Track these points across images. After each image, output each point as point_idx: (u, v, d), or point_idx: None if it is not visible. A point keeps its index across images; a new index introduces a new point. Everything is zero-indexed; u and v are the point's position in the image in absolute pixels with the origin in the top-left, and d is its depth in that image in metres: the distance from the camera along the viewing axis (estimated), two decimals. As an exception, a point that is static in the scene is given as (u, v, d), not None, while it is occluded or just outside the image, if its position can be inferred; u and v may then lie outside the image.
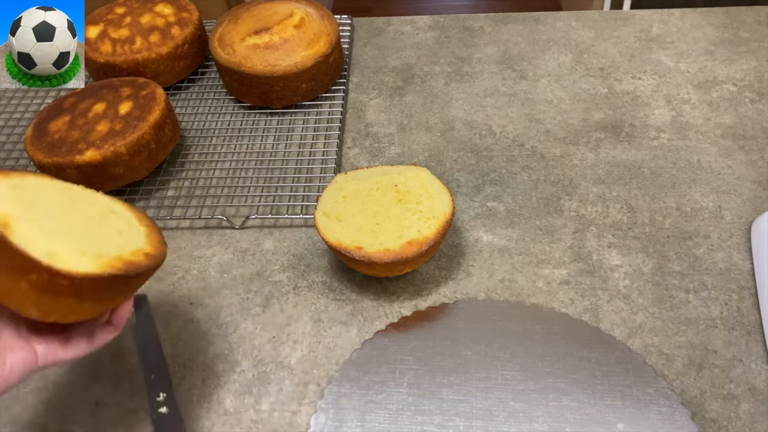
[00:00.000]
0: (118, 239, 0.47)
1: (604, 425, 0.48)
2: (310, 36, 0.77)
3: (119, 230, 0.48)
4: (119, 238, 0.47)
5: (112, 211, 0.50)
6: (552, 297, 0.59)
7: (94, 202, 0.50)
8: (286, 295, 0.60)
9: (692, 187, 0.67)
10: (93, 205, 0.49)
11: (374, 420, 0.49)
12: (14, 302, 0.41)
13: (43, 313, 0.42)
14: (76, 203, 0.48)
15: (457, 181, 0.70)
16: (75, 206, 0.48)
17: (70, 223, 0.46)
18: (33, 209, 0.44)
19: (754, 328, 0.55)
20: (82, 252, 0.43)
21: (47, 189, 0.48)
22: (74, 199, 0.49)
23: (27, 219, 0.42)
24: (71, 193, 0.49)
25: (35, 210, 0.44)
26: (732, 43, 0.85)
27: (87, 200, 0.50)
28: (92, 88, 0.72)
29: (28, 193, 0.46)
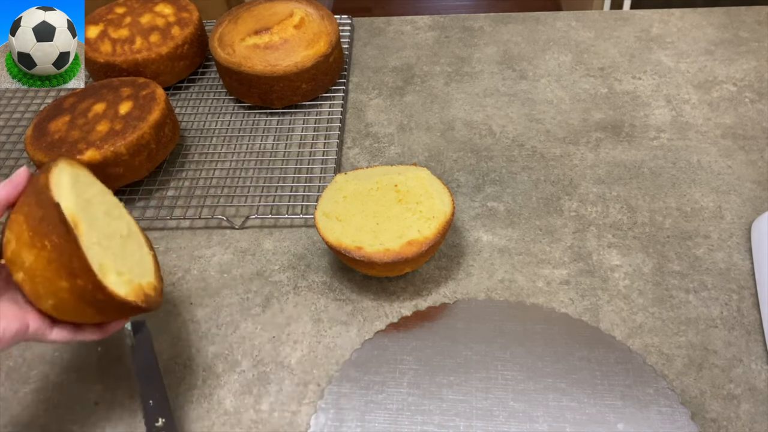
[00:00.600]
0: (138, 266, 0.49)
1: (604, 425, 0.48)
2: (310, 36, 0.77)
3: (138, 257, 0.50)
4: (139, 265, 0.49)
5: (129, 231, 0.51)
6: (552, 297, 0.59)
7: (121, 216, 0.51)
8: (286, 295, 0.60)
9: (692, 187, 0.67)
10: (120, 219, 0.51)
11: (374, 420, 0.49)
12: (40, 290, 0.42)
13: (57, 311, 0.44)
14: (111, 213, 0.50)
15: (457, 181, 0.70)
16: (111, 217, 0.49)
17: (108, 236, 0.47)
18: (86, 212, 0.45)
19: (754, 328, 0.55)
20: (119, 273, 0.45)
21: (92, 188, 0.49)
22: (109, 208, 0.50)
23: (87, 224, 0.44)
24: (107, 198, 0.51)
25: (88, 213, 0.45)
26: (732, 43, 0.85)
27: (116, 212, 0.51)
28: (92, 88, 0.72)
29: (82, 191, 0.47)
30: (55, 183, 0.43)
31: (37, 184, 0.43)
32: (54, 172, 0.44)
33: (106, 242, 0.45)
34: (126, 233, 0.50)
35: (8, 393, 0.54)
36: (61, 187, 0.44)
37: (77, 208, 0.44)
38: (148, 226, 0.67)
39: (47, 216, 0.41)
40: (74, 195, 0.45)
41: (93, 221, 0.45)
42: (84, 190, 0.47)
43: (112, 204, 0.51)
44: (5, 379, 0.55)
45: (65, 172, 0.46)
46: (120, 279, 0.45)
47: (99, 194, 0.50)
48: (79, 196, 0.45)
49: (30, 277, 0.42)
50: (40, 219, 0.41)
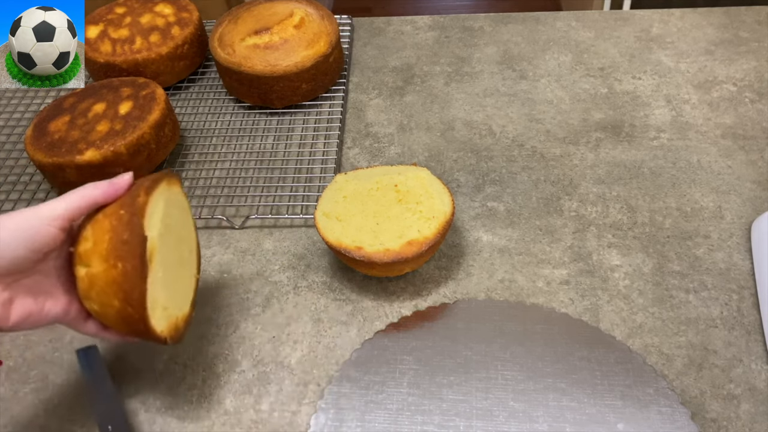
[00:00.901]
0: (182, 296, 0.50)
1: (604, 425, 0.48)
2: (310, 36, 0.77)
3: (185, 285, 0.51)
4: (182, 294, 0.50)
5: (189, 253, 0.52)
6: (552, 297, 0.59)
7: (189, 237, 0.52)
8: (286, 295, 0.60)
9: (692, 187, 0.67)
10: (187, 241, 0.52)
11: (374, 420, 0.49)
12: (92, 294, 0.44)
13: (96, 315, 0.46)
14: (181, 237, 0.51)
15: (457, 181, 0.70)
16: (180, 241, 0.50)
17: (171, 266, 0.48)
18: (164, 242, 0.46)
19: (754, 328, 0.55)
20: (164, 307, 0.46)
21: (176, 209, 0.50)
22: (182, 230, 0.51)
23: (160, 255, 0.45)
24: (184, 219, 0.52)
25: (164, 243, 0.46)
26: (732, 43, 0.85)
27: (185, 233, 0.52)
28: (92, 88, 0.72)
29: (169, 215, 0.48)
30: (150, 210, 0.45)
31: (136, 200, 0.45)
32: (154, 196, 0.46)
33: (167, 274, 0.47)
34: (186, 256, 0.51)
35: (8, 393, 0.54)
36: (155, 214, 0.45)
37: (158, 238, 0.45)
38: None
39: (131, 242, 0.43)
40: (161, 223, 0.46)
41: (165, 252, 0.46)
42: (170, 213, 0.48)
43: (186, 224, 0.52)
44: (5, 379, 0.55)
45: (163, 195, 0.47)
46: (163, 313, 0.46)
47: (180, 215, 0.51)
48: (164, 222, 0.46)
49: (90, 280, 0.44)
50: (123, 241, 0.43)
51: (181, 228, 0.51)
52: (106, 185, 0.45)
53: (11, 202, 0.70)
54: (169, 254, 0.47)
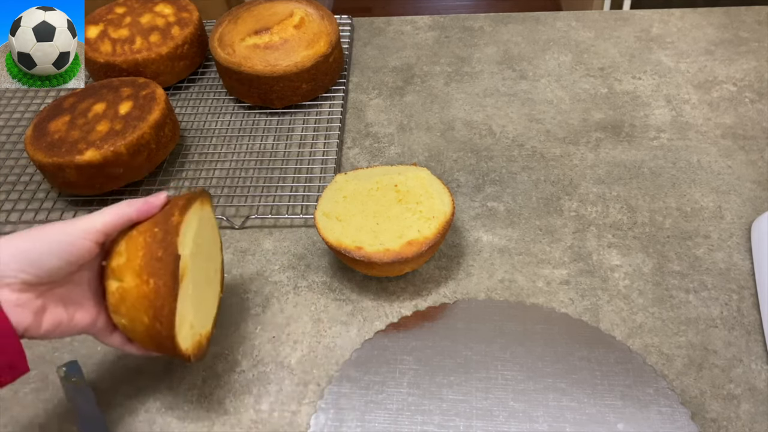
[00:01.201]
0: (206, 314, 0.50)
1: (604, 425, 0.48)
2: (310, 36, 0.77)
3: (210, 303, 0.51)
4: (207, 312, 0.51)
5: (215, 271, 0.53)
6: (552, 297, 0.59)
7: (216, 256, 0.53)
8: (286, 295, 0.60)
9: (692, 187, 0.67)
10: (215, 260, 0.53)
11: (374, 420, 0.49)
12: (122, 309, 0.45)
13: (124, 329, 0.47)
14: (210, 255, 0.51)
15: (457, 181, 0.70)
16: (208, 260, 0.51)
17: (199, 284, 0.48)
18: (195, 260, 0.47)
19: (754, 328, 0.55)
20: (191, 326, 0.47)
21: (207, 228, 0.51)
22: (211, 248, 0.52)
23: (191, 273, 0.46)
24: (213, 236, 0.52)
25: (195, 261, 0.47)
26: (732, 43, 0.85)
27: (214, 252, 0.53)
28: (92, 88, 0.72)
29: (200, 233, 0.49)
30: (183, 229, 0.46)
31: (170, 219, 0.46)
32: (188, 216, 0.46)
33: (196, 292, 0.47)
34: (213, 275, 0.52)
35: (8, 393, 0.54)
36: (188, 233, 0.46)
37: (190, 257, 0.46)
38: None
39: (164, 260, 0.44)
40: (193, 242, 0.47)
41: (195, 270, 0.47)
42: (201, 233, 0.49)
43: (214, 243, 0.53)
44: (5, 379, 0.55)
45: (196, 215, 0.48)
46: (189, 332, 0.47)
47: (209, 234, 0.51)
48: (195, 242, 0.47)
49: (121, 294, 0.45)
50: (157, 258, 0.44)
51: (210, 247, 0.51)
52: (141, 203, 0.47)
53: (11, 202, 0.70)
54: (198, 273, 0.48)
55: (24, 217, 0.68)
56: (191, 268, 0.46)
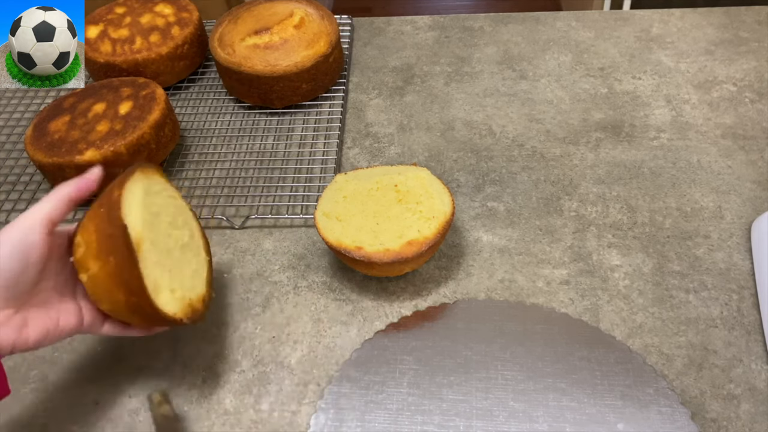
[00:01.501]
0: (191, 278, 0.50)
1: (604, 425, 0.48)
2: (310, 36, 0.77)
3: (194, 267, 0.51)
4: (192, 276, 0.51)
5: (191, 237, 0.53)
6: (552, 297, 0.59)
7: (185, 223, 0.53)
8: (286, 295, 0.60)
9: (692, 187, 0.67)
10: (184, 227, 0.52)
11: (374, 420, 0.49)
12: (99, 295, 0.46)
13: (112, 313, 0.47)
14: (175, 222, 0.51)
15: (457, 181, 0.70)
16: (174, 227, 0.51)
17: (169, 251, 0.49)
18: (152, 228, 0.47)
19: (754, 328, 0.55)
20: (172, 290, 0.47)
21: (162, 196, 0.50)
22: (175, 216, 0.51)
23: (149, 241, 0.46)
24: (174, 204, 0.52)
25: (153, 229, 0.47)
26: (732, 43, 0.85)
27: (180, 219, 0.52)
28: (92, 88, 0.72)
29: (152, 203, 0.48)
30: (127, 200, 0.45)
31: (111, 195, 0.45)
32: (127, 187, 0.46)
33: (165, 258, 0.48)
34: (187, 240, 0.52)
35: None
36: (133, 203, 0.46)
37: (144, 225, 0.46)
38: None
39: (114, 234, 0.44)
40: (143, 210, 0.46)
41: (157, 237, 0.47)
42: (154, 202, 0.48)
43: (179, 210, 0.52)
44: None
45: (139, 184, 0.47)
46: (172, 296, 0.47)
47: (167, 202, 0.51)
48: (147, 209, 0.47)
49: (93, 282, 0.45)
50: (108, 235, 0.44)
51: (173, 214, 0.51)
52: (77, 179, 0.46)
53: (11, 202, 0.70)
54: (162, 239, 0.48)
55: (24, 217, 0.68)
56: (149, 235, 0.46)
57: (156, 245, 0.47)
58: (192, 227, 0.54)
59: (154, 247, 0.46)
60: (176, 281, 0.48)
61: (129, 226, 0.44)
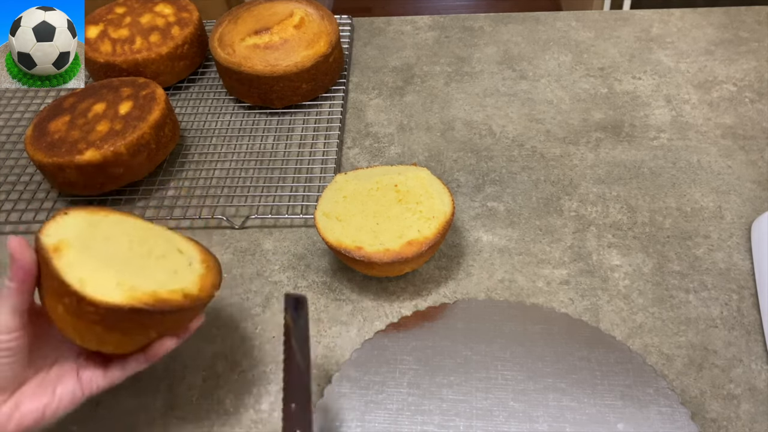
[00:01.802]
0: (167, 277, 0.47)
1: (604, 425, 0.48)
2: (310, 36, 0.77)
3: (175, 269, 0.48)
4: (170, 276, 0.48)
5: (179, 251, 0.50)
6: (552, 297, 0.59)
7: (166, 240, 0.51)
8: (286, 295, 0.60)
9: (692, 187, 0.67)
10: (162, 243, 0.50)
11: (374, 420, 0.49)
12: (58, 324, 0.44)
13: (80, 339, 0.44)
14: (145, 240, 0.49)
15: (457, 181, 0.70)
16: (142, 242, 0.49)
17: (124, 257, 0.47)
18: (95, 241, 0.46)
19: (754, 328, 0.55)
20: (118, 284, 0.44)
21: (124, 225, 0.49)
22: (146, 236, 0.50)
23: (81, 248, 0.44)
24: (147, 232, 0.50)
25: (96, 242, 0.46)
26: (732, 43, 0.85)
27: (159, 238, 0.50)
28: (92, 88, 0.72)
29: (100, 229, 0.47)
30: (48, 226, 0.45)
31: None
32: (55, 220, 0.46)
33: (112, 261, 0.45)
34: (161, 253, 0.49)
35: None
36: (52, 226, 0.45)
37: (74, 239, 0.44)
38: (148, 226, 0.67)
39: (42, 262, 0.43)
40: (77, 231, 0.45)
41: (97, 248, 0.46)
42: (99, 228, 0.47)
43: (155, 234, 0.50)
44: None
45: (71, 222, 0.46)
46: (115, 289, 0.44)
47: (132, 229, 0.49)
48: (86, 231, 0.46)
49: (61, 326, 0.44)
50: (44, 272, 0.43)
51: (145, 234, 0.50)
52: (12, 270, 0.42)
53: (11, 202, 0.70)
54: (109, 247, 0.46)
55: (24, 217, 0.68)
56: (81, 246, 0.44)
57: (90, 251, 0.45)
58: (179, 246, 0.51)
59: (85, 252, 0.44)
60: (128, 278, 0.45)
61: (42, 236, 0.43)
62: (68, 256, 0.43)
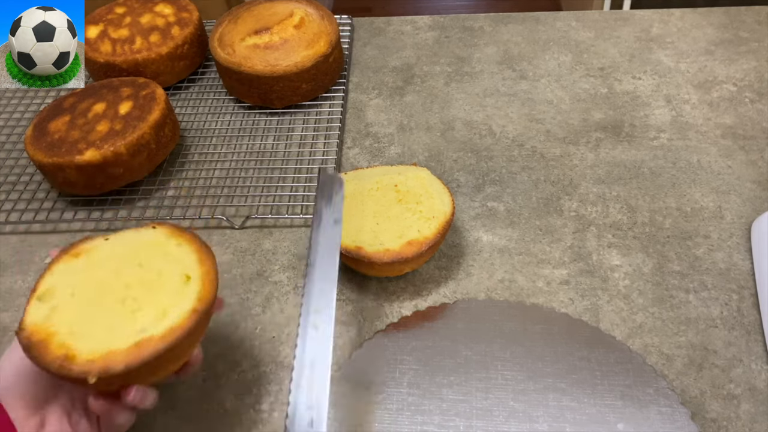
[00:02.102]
0: (170, 299, 0.44)
1: (604, 425, 0.48)
2: (310, 36, 0.77)
3: (175, 289, 0.44)
4: (172, 297, 0.44)
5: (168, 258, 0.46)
6: (552, 297, 0.59)
7: (157, 247, 0.47)
8: (286, 295, 0.60)
9: (692, 187, 0.67)
10: (155, 256, 0.46)
11: (374, 420, 0.49)
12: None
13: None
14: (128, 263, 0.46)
15: (457, 181, 0.70)
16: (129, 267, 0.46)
17: (106, 302, 0.43)
18: (76, 299, 0.43)
19: (754, 328, 0.55)
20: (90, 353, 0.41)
21: (103, 267, 0.46)
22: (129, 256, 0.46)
23: (67, 333, 0.41)
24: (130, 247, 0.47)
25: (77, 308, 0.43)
26: (732, 43, 0.85)
27: (148, 250, 0.47)
28: (92, 88, 0.72)
29: (78, 285, 0.45)
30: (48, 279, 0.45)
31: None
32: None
33: (95, 320, 0.43)
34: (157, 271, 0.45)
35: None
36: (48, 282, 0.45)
37: (58, 324, 0.42)
38: (148, 226, 0.67)
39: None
40: (58, 305, 0.43)
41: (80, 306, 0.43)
42: (78, 275, 0.45)
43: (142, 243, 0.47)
44: (5, 379, 0.55)
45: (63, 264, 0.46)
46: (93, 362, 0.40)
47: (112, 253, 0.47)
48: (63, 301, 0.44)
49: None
50: None
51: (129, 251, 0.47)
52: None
53: (11, 202, 0.70)
54: (90, 299, 0.44)
55: (24, 217, 0.68)
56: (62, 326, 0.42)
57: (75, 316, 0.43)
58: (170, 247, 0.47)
59: (70, 337, 0.42)
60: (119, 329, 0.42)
61: (25, 334, 0.41)
62: (56, 341, 0.41)
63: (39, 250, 0.66)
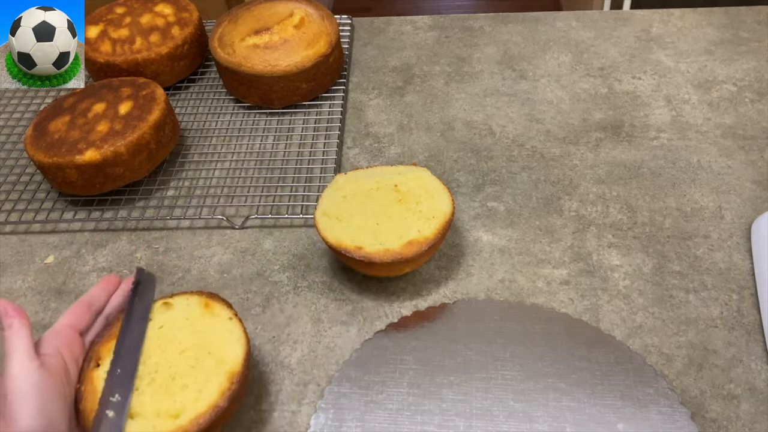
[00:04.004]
0: (207, 387, 0.46)
1: (604, 425, 0.48)
2: (310, 36, 0.77)
3: (208, 377, 0.47)
4: (208, 384, 0.46)
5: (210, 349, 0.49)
6: (552, 297, 0.59)
7: (210, 328, 0.50)
8: (286, 295, 0.60)
9: (692, 187, 0.67)
10: (205, 337, 0.49)
11: (374, 420, 0.49)
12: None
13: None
14: (190, 339, 0.49)
15: (457, 181, 0.70)
16: (190, 342, 0.49)
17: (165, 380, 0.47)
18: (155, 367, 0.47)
19: (754, 328, 0.55)
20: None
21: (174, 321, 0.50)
22: (190, 334, 0.49)
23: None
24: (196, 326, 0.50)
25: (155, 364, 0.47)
26: (732, 43, 0.85)
27: (203, 330, 0.50)
28: (92, 88, 0.72)
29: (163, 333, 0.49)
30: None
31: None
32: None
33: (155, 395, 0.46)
34: (201, 357, 0.48)
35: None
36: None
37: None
38: (148, 226, 0.67)
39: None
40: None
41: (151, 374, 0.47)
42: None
43: (201, 322, 0.50)
44: (5, 379, 0.55)
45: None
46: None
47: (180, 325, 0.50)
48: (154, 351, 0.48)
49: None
50: None
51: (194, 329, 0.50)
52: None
53: (11, 202, 0.70)
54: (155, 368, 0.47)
55: (24, 217, 0.68)
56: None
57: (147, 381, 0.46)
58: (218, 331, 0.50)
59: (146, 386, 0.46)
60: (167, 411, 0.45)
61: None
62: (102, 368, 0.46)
63: (39, 250, 0.66)
